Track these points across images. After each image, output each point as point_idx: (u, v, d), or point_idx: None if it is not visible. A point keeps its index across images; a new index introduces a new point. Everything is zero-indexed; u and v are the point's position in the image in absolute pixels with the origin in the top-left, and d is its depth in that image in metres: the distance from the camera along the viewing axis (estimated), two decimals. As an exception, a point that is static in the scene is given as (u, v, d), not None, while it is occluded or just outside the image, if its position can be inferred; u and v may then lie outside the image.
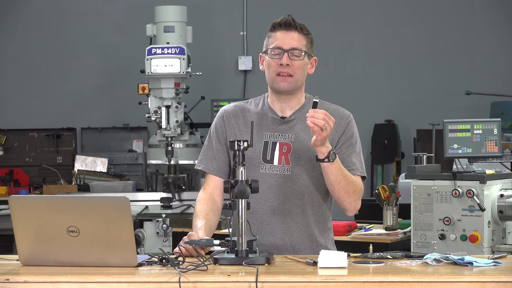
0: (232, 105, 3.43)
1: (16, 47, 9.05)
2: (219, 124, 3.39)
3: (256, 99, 3.45)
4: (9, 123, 8.69)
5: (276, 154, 3.30)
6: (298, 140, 3.29)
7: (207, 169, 3.38)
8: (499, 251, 4.43)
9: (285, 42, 3.27)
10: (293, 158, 3.28)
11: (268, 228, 3.27)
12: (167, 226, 6.69)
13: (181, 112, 7.22)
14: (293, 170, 3.28)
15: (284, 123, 3.32)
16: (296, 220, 3.28)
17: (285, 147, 3.30)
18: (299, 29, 3.28)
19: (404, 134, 8.68)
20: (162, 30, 7.34)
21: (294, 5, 8.74)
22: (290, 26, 3.28)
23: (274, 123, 3.32)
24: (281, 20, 3.29)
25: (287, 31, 3.28)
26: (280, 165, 3.29)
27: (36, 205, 2.91)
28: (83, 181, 7.65)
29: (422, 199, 4.56)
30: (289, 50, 3.26)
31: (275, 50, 3.28)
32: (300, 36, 3.28)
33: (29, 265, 2.94)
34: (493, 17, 8.87)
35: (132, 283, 2.75)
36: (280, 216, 3.29)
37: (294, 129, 3.31)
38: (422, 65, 8.93)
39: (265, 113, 3.36)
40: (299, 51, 3.26)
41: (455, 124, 4.56)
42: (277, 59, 3.27)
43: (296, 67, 3.27)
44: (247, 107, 3.40)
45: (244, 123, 3.36)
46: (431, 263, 2.93)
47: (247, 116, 3.37)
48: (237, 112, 3.39)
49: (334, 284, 2.73)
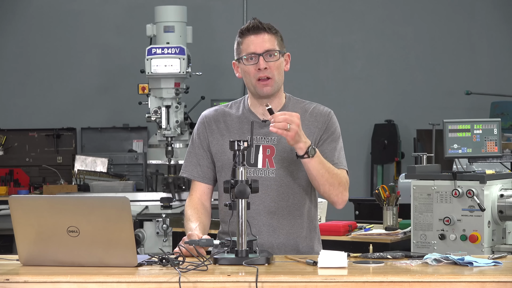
0: (213, 110, 3.43)
1: (16, 47, 9.05)
2: (201, 129, 3.40)
3: (236, 102, 3.45)
4: (9, 123, 8.69)
5: (259, 157, 3.29)
6: (280, 142, 3.29)
7: (192, 175, 3.39)
8: (499, 251, 4.43)
9: (258, 46, 3.27)
10: (277, 161, 3.28)
11: (254, 230, 3.26)
12: (167, 226, 6.69)
13: (181, 112, 7.22)
14: (278, 172, 3.28)
15: (266, 125, 3.29)
16: (282, 222, 3.28)
17: (269, 150, 3.29)
18: (268, 30, 3.28)
19: (404, 134, 8.68)
20: (162, 30, 7.34)
21: (294, 5, 8.74)
22: (259, 29, 3.27)
23: (256, 126, 3.30)
24: (248, 25, 3.30)
25: (257, 35, 3.28)
26: (264, 168, 3.29)
27: (36, 205, 2.91)
28: (83, 181, 7.65)
29: (422, 199, 4.55)
30: (263, 53, 3.26)
31: (249, 56, 3.28)
32: (270, 36, 3.28)
33: (29, 265, 2.94)
34: (493, 17, 8.87)
35: (132, 283, 2.75)
36: (266, 218, 3.28)
37: None
38: (422, 65, 8.93)
39: (246, 116, 3.35)
40: (273, 51, 3.27)
41: (455, 124, 4.56)
42: (253, 65, 3.27)
43: (274, 68, 3.27)
44: (227, 111, 3.40)
45: (226, 127, 3.35)
46: (431, 263, 2.93)
47: (228, 121, 3.37)
48: (217, 117, 3.39)
49: (334, 284, 2.73)
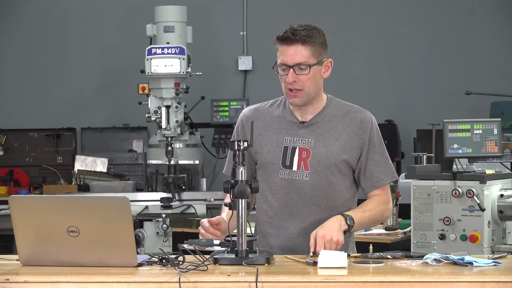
0: (253, 108, 3.41)
1: (16, 47, 9.04)
2: (240, 128, 3.40)
3: (276, 100, 3.41)
4: (9, 123, 8.68)
5: (295, 159, 3.28)
6: (317, 145, 3.27)
7: (229, 172, 3.36)
8: (499, 251, 4.43)
9: (289, 58, 3.20)
10: (312, 164, 3.26)
11: (286, 233, 3.27)
12: (167, 226, 6.69)
13: (181, 112, 7.22)
14: (312, 175, 3.26)
15: (304, 127, 3.29)
16: (314, 226, 3.24)
17: (304, 153, 3.27)
18: (301, 41, 3.19)
19: (404, 134, 8.68)
20: (162, 30, 7.34)
21: (294, 5, 8.73)
22: (291, 40, 3.19)
23: (294, 127, 3.30)
24: (282, 34, 3.21)
25: (288, 46, 3.21)
26: (299, 171, 3.27)
27: (36, 205, 2.91)
28: (83, 181, 7.65)
29: (422, 199, 4.55)
30: (294, 66, 3.20)
31: (281, 67, 3.24)
32: (303, 48, 3.20)
33: (29, 265, 2.95)
34: (493, 17, 8.86)
35: (132, 283, 2.75)
36: (298, 222, 3.28)
37: (314, 133, 3.29)
38: (422, 65, 8.92)
39: (285, 116, 3.33)
40: (304, 65, 3.21)
41: (455, 124, 4.56)
42: (284, 75, 3.23)
43: (304, 81, 3.22)
44: (266, 110, 3.38)
45: (264, 126, 3.34)
46: (431, 263, 2.93)
47: (267, 119, 3.35)
48: (256, 115, 3.36)
49: (334, 284, 2.73)
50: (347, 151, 3.26)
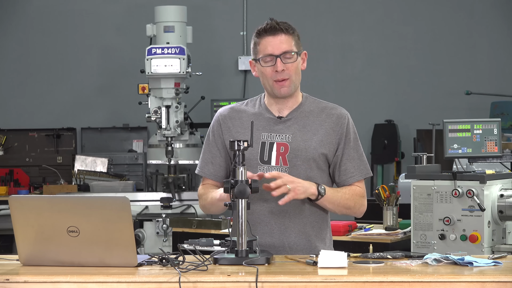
0: (228, 108, 3.43)
1: (16, 47, 9.05)
2: (216, 128, 3.40)
3: (252, 99, 3.45)
4: (9, 123, 8.68)
5: (273, 154, 3.30)
6: (295, 140, 3.29)
7: (204, 173, 3.41)
8: (499, 251, 4.43)
9: (275, 47, 3.25)
10: (291, 158, 3.28)
11: (266, 229, 3.28)
12: (167, 226, 6.69)
13: (181, 112, 7.22)
14: (291, 170, 3.27)
15: (281, 122, 3.32)
16: (294, 220, 3.28)
17: (283, 147, 3.29)
18: (285, 31, 3.26)
19: (404, 134, 8.68)
20: (162, 30, 7.34)
21: (294, 5, 8.74)
22: (276, 29, 3.25)
23: (271, 123, 3.32)
24: (266, 26, 3.27)
25: (274, 36, 3.26)
26: (277, 166, 3.29)
27: (36, 205, 2.91)
28: (83, 181, 7.65)
29: (422, 199, 4.55)
30: (281, 54, 3.25)
31: (266, 58, 3.27)
32: (287, 37, 3.26)
33: (29, 265, 2.95)
34: (493, 17, 8.87)
35: (132, 283, 2.75)
36: (278, 217, 3.29)
37: (291, 128, 3.31)
38: (422, 65, 8.92)
39: (261, 113, 3.36)
40: (290, 53, 3.26)
41: (455, 124, 4.56)
42: (270, 66, 3.27)
43: (291, 70, 3.27)
44: (243, 108, 3.40)
45: (241, 124, 3.35)
46: (431, 263, 2.93)
47: (244, 117, 3.37)
48: (233, 114, 3.39)
49: (334, 284, 2.73)
50: (325, 145, 3.29)
